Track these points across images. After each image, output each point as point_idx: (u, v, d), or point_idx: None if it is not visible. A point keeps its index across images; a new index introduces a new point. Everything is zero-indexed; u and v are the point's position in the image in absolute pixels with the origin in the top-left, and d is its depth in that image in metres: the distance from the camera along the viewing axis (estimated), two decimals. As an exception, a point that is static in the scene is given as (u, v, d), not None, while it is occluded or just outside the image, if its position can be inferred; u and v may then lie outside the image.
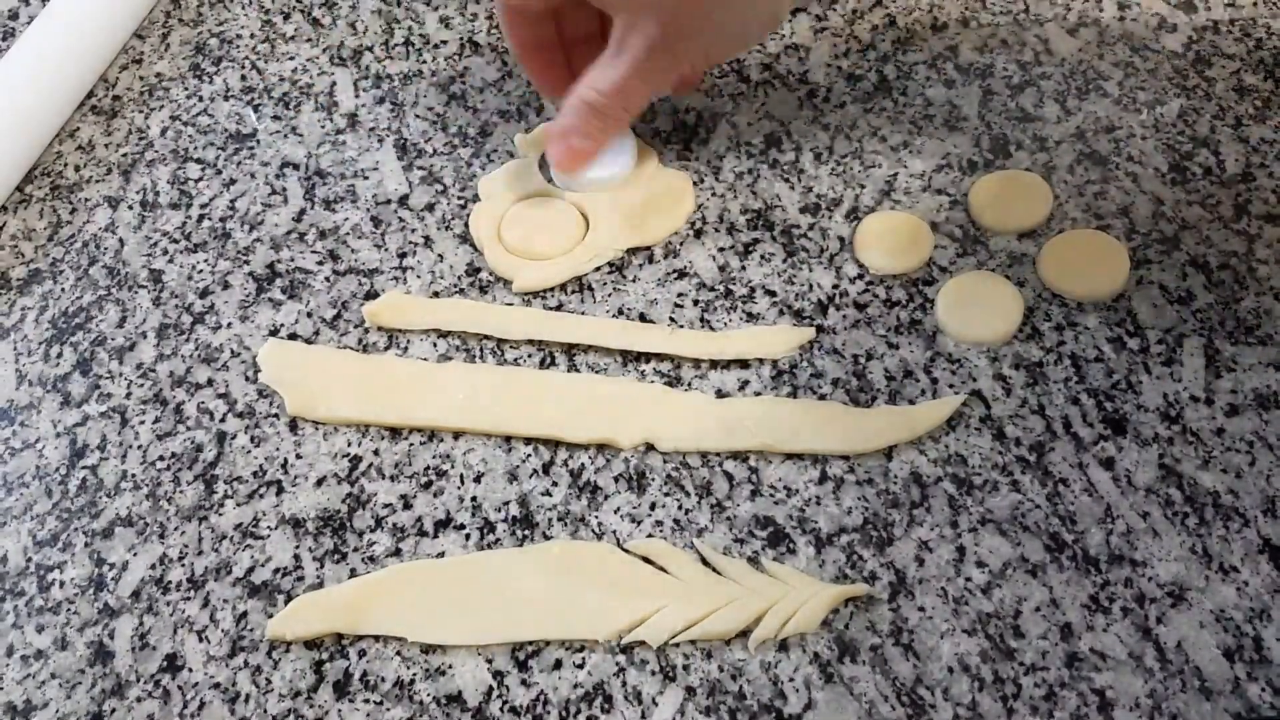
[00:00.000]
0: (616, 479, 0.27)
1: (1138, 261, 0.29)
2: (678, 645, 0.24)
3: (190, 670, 0.25)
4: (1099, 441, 0.26)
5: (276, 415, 0.28)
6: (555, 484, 0.27)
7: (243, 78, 0.36)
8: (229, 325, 0.30)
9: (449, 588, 0.25)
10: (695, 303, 0.30)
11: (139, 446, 0.28)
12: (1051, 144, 0.32)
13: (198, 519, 0.27)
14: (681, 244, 0.31)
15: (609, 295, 0.30)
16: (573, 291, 0.30)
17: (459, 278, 0.31)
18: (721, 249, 0.31)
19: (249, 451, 0.28)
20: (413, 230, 0.32)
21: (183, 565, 0.26)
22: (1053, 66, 0.34)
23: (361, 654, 0.25)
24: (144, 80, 0.36)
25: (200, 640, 0.25)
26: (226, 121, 0.35)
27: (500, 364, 0.29)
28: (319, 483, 0.27)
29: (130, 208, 0.33)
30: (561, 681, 0.24)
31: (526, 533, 0.26)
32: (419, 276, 0.31)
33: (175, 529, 0.27)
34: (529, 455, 0.27)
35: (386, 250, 0.31)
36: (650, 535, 0.26)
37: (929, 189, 0.31)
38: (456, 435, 0.28)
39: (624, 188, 0.32)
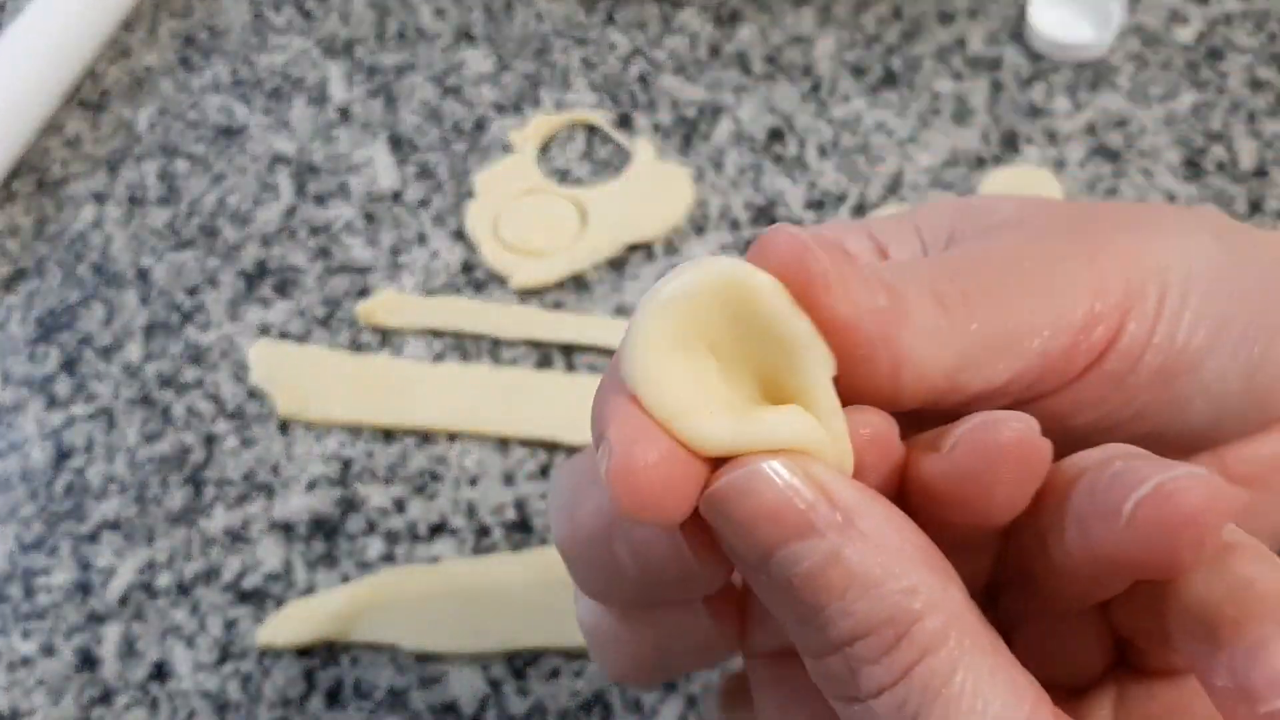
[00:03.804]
0: (615, 482, 0.26)
1: (1150, 259, 0.28)
2: (678, 654, 0.24)
3: (179, 678, 0.24)
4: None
5: (267, 417, 0.28)
6: (553, 487, 0.26)
7: (233, 71, 0.35)
8: (218, 324, 0.30)
9: (444, 594, 0.25)
10: (696, 301, 0.29)
11: (126, 448, 0.28)
12: (1062, 138, 0.31)
13: (186, 523, 0.26)
14: (682, 241, 0.30)
15: (608, 293, 0.29)
16: (571, 290, 0.29)
17: (454, 275, 0.30)
18: (723, 246, 0.30)
19: (239, 454, 0.27)
20: (406, 227, 0.31)
21: (171, 570, 0.26)
22: (1063, 60, 0.33)
23: (354, 662, 0.24)
24: (132, 73, 0.36)
25: (189, 647, 0.25)
26: (216, 115, 0.34)
27: (497, 364, 0.28)
28: (310, 486, 0.27)
29: (118, 204, 0.32)
30: (559, 690, 0.23)
31: (523, 537, 0.25)
32: (413, 274, 0.30)
33: (163, 533, 0.26)
34: (526, 458, 0.27)
35: (379, 247, 0.31)
36: (650, 540, 0.25)
37: (937, 184, 0.30)
38: (451, 437, 0.27)
39: (621, 184, 0.31)
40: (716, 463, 0.10)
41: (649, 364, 0.10)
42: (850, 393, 0.11)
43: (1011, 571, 0.11)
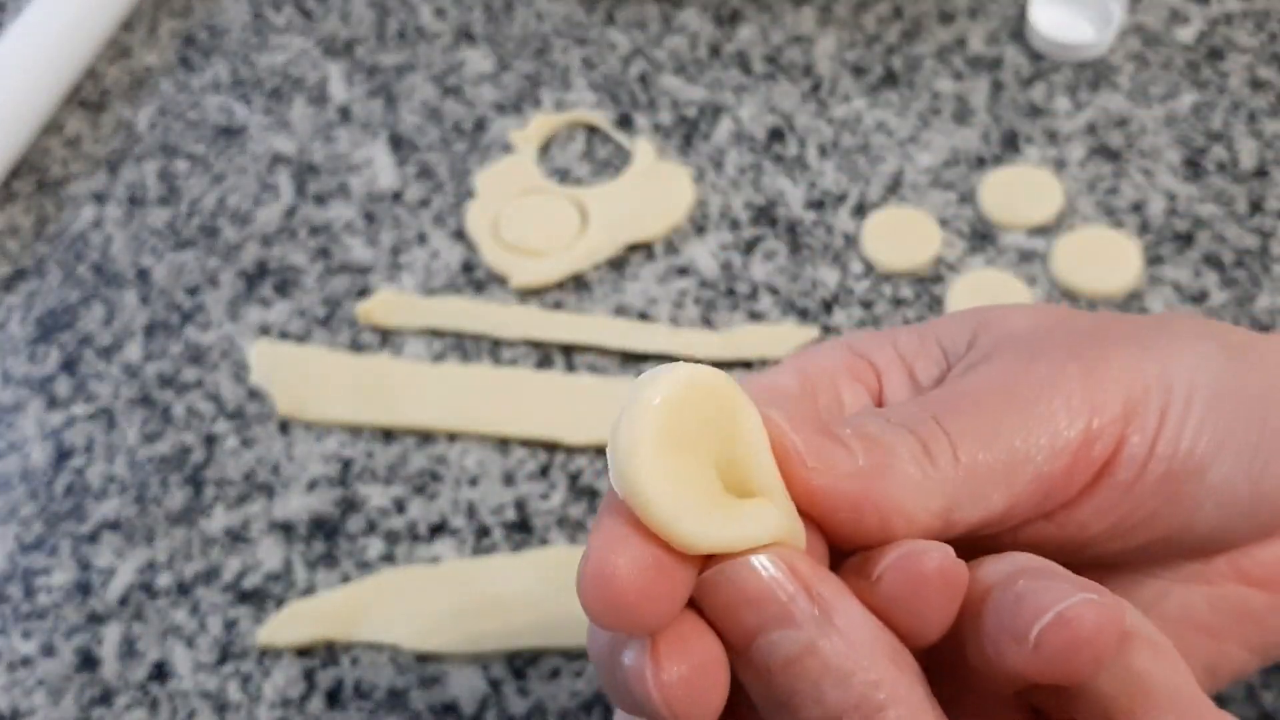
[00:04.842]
0: (616, 482, 0.26)
1: (1151, 259, 0.28)
2: (678, 654, 0.24)
3: (179, 678, 0.24)
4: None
5: (267, 417, 0.28)
6: (553, 487, 0.26)
7: (233, 70, 0.35)
8: (218, 324, 0.30)
9: (444, 594, 0.25)
10: (697, 301, 0.29)
11: (126, 448, 0.28)
12: (1062, 138, 0.31)
13: (186, 523, 0.26)
14: (683, 241, 0.30)
15: (608, 293, 0.29)
16: (571, 290, 0.29)
17: (454, 275, 0.30)
18: (724, 246, 0.30)
19: (239, 454, 0.27)
20: (406, 226, 0.31)
21: (171, 570, 0.26)
22: (1063, 59, 0.33)
23: (354, 662, 0.24)
24: (132, 73, 0.36)
25: (189, 647, 0.24)
26: (216, 115, 0.34)
27: (497, 364, 0.28)
28: (310, 486, 0.27)
29: (118, 204, 0.32)
30: (559, 690, 0.23)
31: (523, 537, 0.25)
32: (413, 274, 0.30)
33: (163, 533, 0.26)
34: (526, 458, 0.27)
35: (379, 247, 0.31)
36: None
37: (937, 184, 0.30)
38: (451, 437, 0.27)
39: (621, 184, 0.31)
40: (692, 563, 0.11)
41: (637, 477, 0.11)
42: (846, 543, 0.12)
43: (929, 662, 0.12)
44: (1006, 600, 0.11)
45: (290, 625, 0.24)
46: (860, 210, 0.30)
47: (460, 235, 0.31)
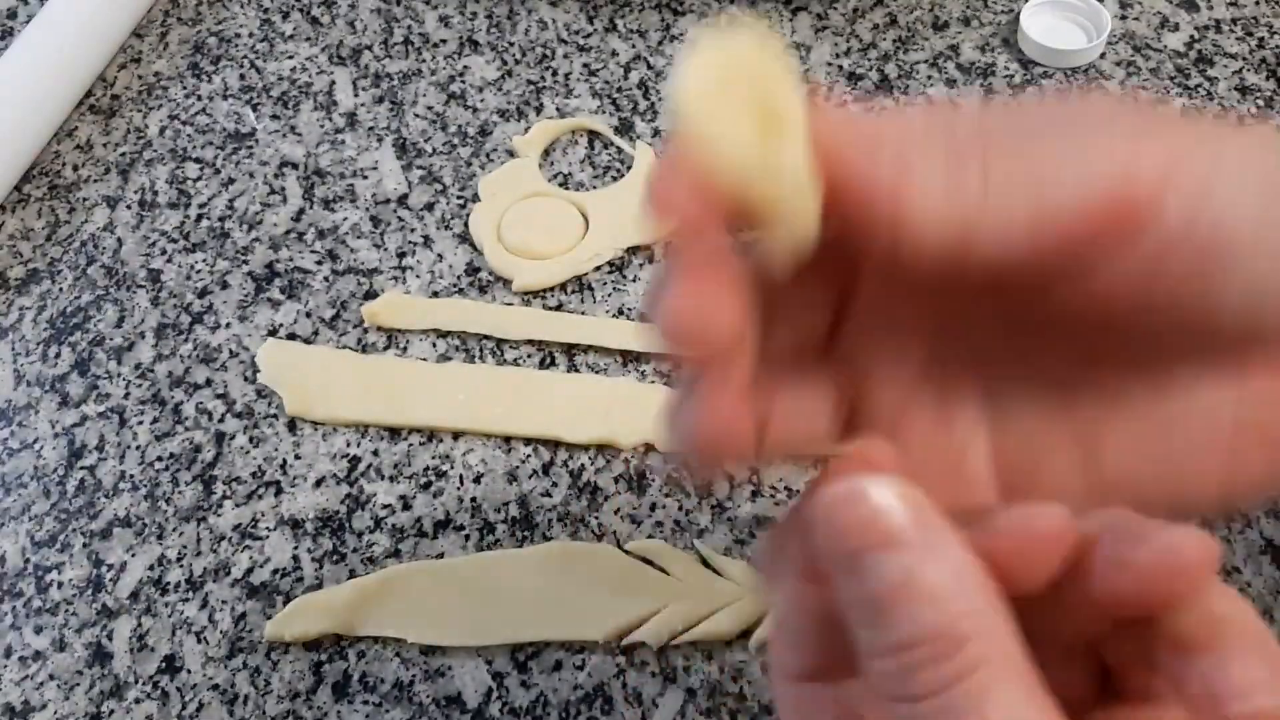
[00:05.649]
0: (616, 479, 0.27)
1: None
2: (678, 646, 0.24)
3: (189, 671, 0.25)
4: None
5: (275, 416, 0.28)
6: (555, 484, 0.27)
7: (241, 77, 0.36)
8: (227, 325, 0.30)
9: (448, 589, 0.25)
10: (696, 302, 0.30)
11: (137, 447, 0.28)
12: (1053, 143, 0.32)
13: (196, 520, 0.27)
14: (682, 243, 0.31)
15: (609, 295, 0.30)
16: (573, 291, 0.30)
17: (458, 277, 0.31)
18: (722, 248, 0.30)
19: (248, 452, 0.28)
20: (412, 230, 0.32)
21: (181, 566, 0.26)
22: (1055, 66, 0.33)
23: (360, 655, 0.25)
24: (142, 79, 0.36)
25: (199, 641, 0.25)
26: (225, 121, 0.35)
27: (500, 364, 0.29)
28: (318, 483, 0.27)
29: (129, 207, 0.33)
30: (561, 683, 0.24)
31: (526, 533, 0.26)
32: (418, 276, 0.31)
33: (174, 530, 0.27)
34: (529, 456, 0.27)
35: (385, 250, 0.31)
36: (650, 536, 0.26)
37: (930, 188, 0.31)
38: (456, 435, 0.28)
39: (622, 188, 0.32)
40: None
41: (697, 93, 0.12)
42: (857, 241, 0.13)
43: None
44: (1116, 535, 0.12)
45: (298, 619, 0.25)
46: (856, 214, 0.31)
47: (464, 238, 0.31)
